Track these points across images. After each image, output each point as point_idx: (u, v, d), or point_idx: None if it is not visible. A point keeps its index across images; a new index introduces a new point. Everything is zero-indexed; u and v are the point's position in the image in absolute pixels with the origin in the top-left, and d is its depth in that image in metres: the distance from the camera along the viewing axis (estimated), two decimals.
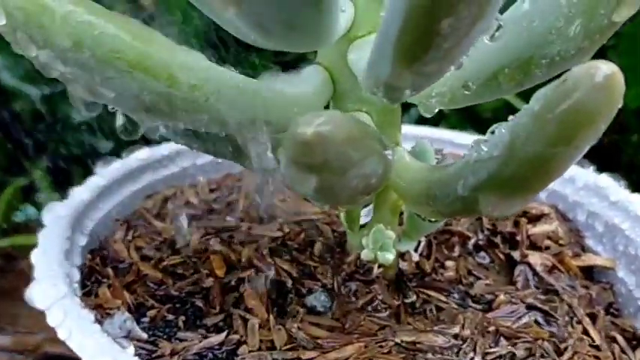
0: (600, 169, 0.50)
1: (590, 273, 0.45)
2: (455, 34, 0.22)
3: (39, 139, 1.06)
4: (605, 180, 0.48)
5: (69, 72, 0.31)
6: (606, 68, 0.23)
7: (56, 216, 0.40)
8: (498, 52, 0.31)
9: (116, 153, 0.51)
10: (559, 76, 0.24)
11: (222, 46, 0.49)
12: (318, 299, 0.38)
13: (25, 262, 0.91)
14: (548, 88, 0.25)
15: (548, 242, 0.46)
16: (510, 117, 0.27)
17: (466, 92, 0.33)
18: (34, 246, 0.38)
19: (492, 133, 0.29)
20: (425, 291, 0.39)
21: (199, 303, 0.37)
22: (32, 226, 0.99)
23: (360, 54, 0.33)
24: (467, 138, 0.58)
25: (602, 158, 0.48)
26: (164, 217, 0.46)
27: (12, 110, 1.03)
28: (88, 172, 0.48)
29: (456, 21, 0.21)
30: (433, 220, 0.38)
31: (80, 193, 0.44)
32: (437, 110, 0.35)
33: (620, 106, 0.24)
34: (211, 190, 0.51)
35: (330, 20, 0.27)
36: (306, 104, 0.34)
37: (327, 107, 0.36)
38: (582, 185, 0.49)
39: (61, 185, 1.10)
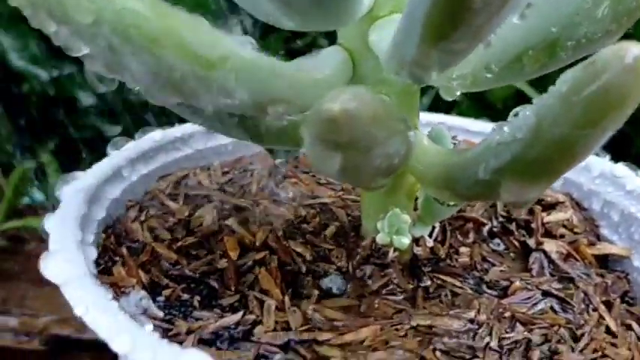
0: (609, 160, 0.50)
1: (605, 262, 0.45)
2: (486, 10, 0.22)
3: (47, 121, 1.06)
4: (622, 169, 0.48)
5: (88, 48, 0.30)
6: (636, 50, 0.23)
7: (72, 192, 0.40)
8: (524, 33, 0.31)
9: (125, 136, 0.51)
10: (582, 59, 0.24)
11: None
12: (333, 282, 0.38)
13: (32, 245, 0.92)
14: (577, 69, 0.24)
15: (563, 230, 0.46)
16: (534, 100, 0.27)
17: (488, 75, 0.32)
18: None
19: (516, 115, 0.28)
20: (439, 276, 0.39)
21: (214, 283, 0.37)
22: (38, 209, 0.99)
23: (381, 34, 0.32)
24: (480, 125, 0.58)
25: (611, 149, 0.47)
26: (177, 198, 0.46)
27: (20, 92, 1.03)
28: (96, 156, 0.47)
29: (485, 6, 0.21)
30: (450, 204, 0.38)
31: (92, 174, 0.44)
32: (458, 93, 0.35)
33: None
34: (224, 173, 0.51)
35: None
36: (326, 84, 0.34)
37: None
38: (598, 174, 0.49)
39: (69, 169, 1.10)
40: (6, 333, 0.70)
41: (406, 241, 0.38)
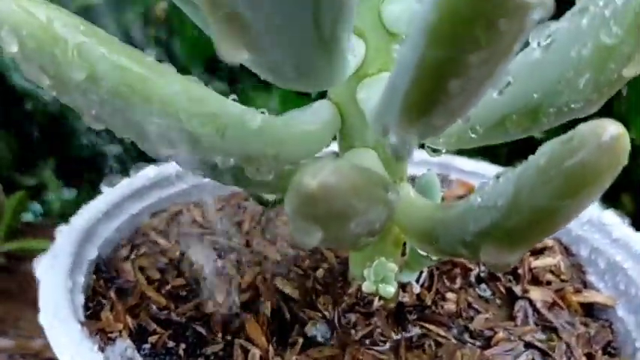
0: (609, 190, 0.50)
1: (590, 309, 0.45)
2: (463, 93, 0.22)
3: (49, 139, 1.07)
4: (610, 216, 0.48)
5: (79, 101, 0.31)
6: (613, 128, 0.23)
7: (63, 236, 0.41)
8: (507, 99, 0.31)
9: (123, 157, 0.51)
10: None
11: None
12: (319, 329, 0.38)
13: (31, 264, 0.92)
14: (555, 143, 0.25)
15: (550, 277, 0.46)
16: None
17: (473, 135, 0.33)
18: (40, 250, 0.39)
19: (497, 178, 0.29)
20: (424, 324, 0.40)
21: (201, 329, 0.37)
22: (38, 226, 0.99)
23: (369, 93, 0.33)
24: (474, 165, 0.58)
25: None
26: (169, 236, 0.47)
27: (23, 110, 1.04)
28: (95, 174, 0.48)
29: (465, 82, 0.21)
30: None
31: (87, 212, 0.45)
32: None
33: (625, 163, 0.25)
34: (218, 210, 0.51)
35: (340, 65, 0.28)
36: (314, 139, 0.34)
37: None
38: (586, 220, 0.49)
39: (69, 185, 1.11)
40: (0, 354, 0.70)
41: (392, 289, 0.38)
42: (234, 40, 0.24)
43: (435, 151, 0.35)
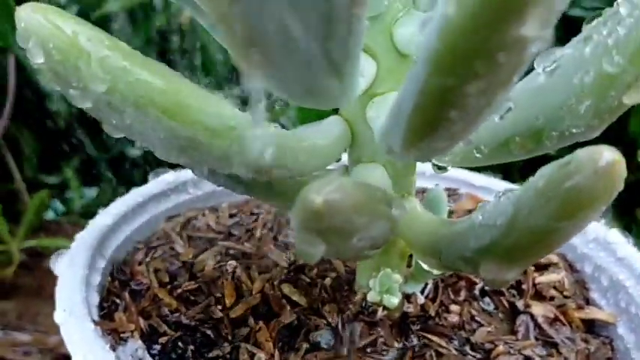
0: (618, 207, 0.50)
1: (592, 326, 0.45)
2: (463, 120, 0.23)
3: (72, 139, 1.09)
4: (615, 235, 0.49)
5: (100, 111, 0.32)
6: (609, 154, 0.24)
7: (81, 238, 0.42)
8: (511, 122, 0.32)
9: (145, 157, 0.52)
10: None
11: None
12: (323, 336, 0.39)
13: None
14: (553, 167, 0.26)
15: (553, 292, 0.47)
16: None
17: (478, 155, 0.34)
18: (59, 247, 0.40)
19: (499, 197, 0.30)
20: (427, 335, 0.40)
21: (209, 332, 0.38)
22: (59, 224, 1.01)
23: (378, 111, 0.34)
24: (484, 180, 0.59)
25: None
26: (184, 240, 0.48)
27: (48, 111, 1.06)
28: (116, 174, 0.49)
29: (465, 109, 0.22)
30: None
31: (106, 214, 0.46)
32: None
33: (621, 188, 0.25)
34: (231, 215, 0.52)
35: (349, 86, 0.28)
36: (325, 153, 0.35)
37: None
38: (592, 238, 0.50)
39: (90, 184, 1.13)
40: (17, 348, 0.72)
41: (395, 300, 0.39)
42: (249, 61, 0.25)
43: (441, 168, 0.36)
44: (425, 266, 0.39)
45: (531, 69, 0.33)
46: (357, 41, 0.25)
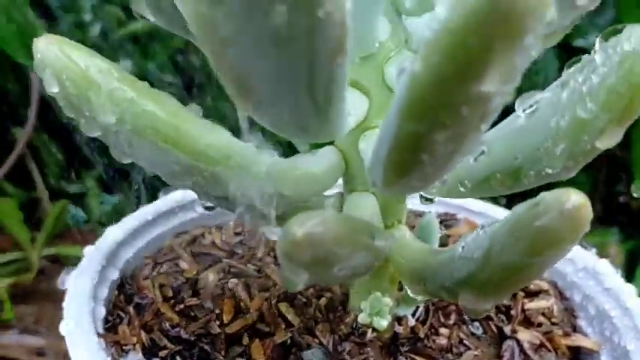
0: (627, 226, 0.51)
1: (577, 353, 0.46)
2: (434, 164, 0.24)
3: (93, 149, 1.11)
4: (604, 265, 0.50)
5: (109, 139, 0.34)
6: (575, 198, 0.26)
7: (91, 252, 0.44)
8: (492, 159, 0.33)
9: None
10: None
11: None
12: (315, 355, 0.40)
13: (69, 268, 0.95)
14: (524, 206, 0.27)
15: (541, 319, 0.48)
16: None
17: (462, 189, 0.35)
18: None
19: (479, 231, 0.31)
20: (415, 357, 0.41)
21: (207, 347, 0.40)
22: (79, 232, 1.03)
23: (368, 144, 0.35)
24: (482, 206, 0.60)
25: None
26: (189, 256, 0.49)
27: (69, 121, 1.09)
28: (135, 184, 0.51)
29: (434, 156, 0.24)
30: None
31: (118, 228, 0.48)
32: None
33: (587, 230, 0.27)
34: (236, 233, 0.54)
35: (335, 124, 0.30)
36: (320, 181, 0.37)
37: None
38: (582, 267, 0.51)
39: (110, 193, 1.15)
40: (32, 352, 0.74)
41: (385, 323, 0.40)
42: (241, 101, 0.27)
43: (428, 199, 0.37)
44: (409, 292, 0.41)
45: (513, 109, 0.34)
46: (340, 86, 0.26)
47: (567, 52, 0.84)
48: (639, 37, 0.28)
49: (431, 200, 0.37)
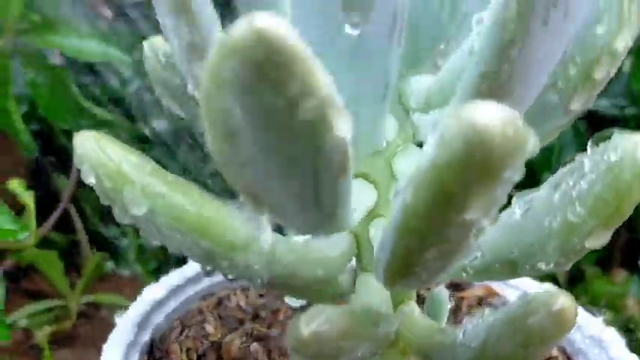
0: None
1: None
2: (426, 273, 0.27)
3: None
4: (610, 334, 0.51)
5: (140, 226, 0.37)
6: (563, 300, 0.28)
7: (123, 317, 0.46)
8: (492, 251, 0.35)
9: None
10: None
11: None
12: None
13: (107, 311, 0.98)
14: (516, 304, 0.29)
15: None
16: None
17: (464, 274, 0.37)
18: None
19: (479, 319, 0.33)
20: None
21: None
22: (116, 278, 1.06)
23: (377, 232, 0.37)
24: None
25: None
26: (215, 320, 0.52)
27: None
28: None
29: (426, 269, 0.26)
30: None
31: (148, 292, 0.50)
32: None
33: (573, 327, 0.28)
34: (260, 295, 0.56)
35: (344, 224, 0.32)
36: (334, 264, 0.39)
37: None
38: (589, 335, 0.52)
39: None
40: None
41: None
42: (252, 204, 0.29)
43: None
44: None
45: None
46: (345, 196, 0.29)
47: (589, 118, 0.86)
48: (625, 148, 0.30)
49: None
